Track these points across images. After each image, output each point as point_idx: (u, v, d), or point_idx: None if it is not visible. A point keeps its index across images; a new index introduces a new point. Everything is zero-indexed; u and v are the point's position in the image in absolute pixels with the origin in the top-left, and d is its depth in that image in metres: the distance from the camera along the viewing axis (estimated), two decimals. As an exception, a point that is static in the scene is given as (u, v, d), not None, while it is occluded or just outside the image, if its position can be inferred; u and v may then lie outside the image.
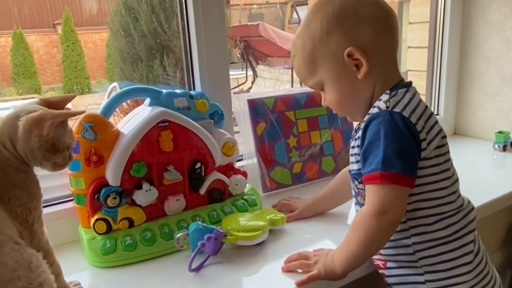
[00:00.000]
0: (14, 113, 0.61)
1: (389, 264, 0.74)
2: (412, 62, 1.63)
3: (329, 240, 0.86)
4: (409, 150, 0.64)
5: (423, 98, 1.56)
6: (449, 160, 0.71)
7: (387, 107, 0.66)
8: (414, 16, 1.59)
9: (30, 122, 0.59)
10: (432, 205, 0.68)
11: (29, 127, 0.59)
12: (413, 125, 0.64)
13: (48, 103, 0.65)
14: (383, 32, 0.69)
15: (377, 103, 0.68)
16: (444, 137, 0.70)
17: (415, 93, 0.70)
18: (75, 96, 0.71)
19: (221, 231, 0.79)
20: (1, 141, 0.60)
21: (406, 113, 0.65)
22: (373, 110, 0.68)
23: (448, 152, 0.71)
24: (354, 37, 0.67)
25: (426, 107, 0.69)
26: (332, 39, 0.68)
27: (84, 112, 0.78)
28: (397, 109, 0.65)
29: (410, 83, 0.71)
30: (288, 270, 0.74)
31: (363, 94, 0.70)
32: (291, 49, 0.76)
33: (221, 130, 0.95)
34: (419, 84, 1.59)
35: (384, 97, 0.68)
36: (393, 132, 0.63)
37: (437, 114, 1.57)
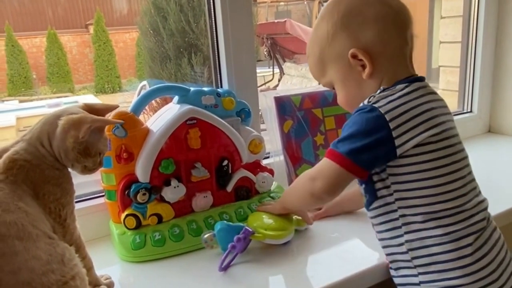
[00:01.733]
0: (57, 113, 0.64)
1: (391, 265, 0.73)
2: (445, 58, 1.58)
3: (357, 239, 0.85)
4: (368, 142, 0.65)
5: (456, 94, 1.52)
6: (443, 157, 0.66)
7: (369, 101, 0.68)
8: (447, 10, 1.55)
9: (69, 122, 0.62)
10: (421, 203, 0.66)
11: (68, 127, 0.61)
12: (385, 122, 0.64)
13: (91, 109, 0.67)
14: (388, 31, 0.69)
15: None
16: (437, 134, 0.66)
17: (418, 88, 0.68)
18: (118, 106, 0.75)
19: (250, 229, 0.79)
20: (39, 138, 0.63)
21: (383, 109, 0.65)
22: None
23: (443, 149, 0.67)
24: (357, 38, 0.69)
25: (424, 103, 0.67)
26: (338, 41, 0.71)
27: (121, 123, 0.78)
28: (376, 104, 0.66)
29: (417, 78, 0.70)
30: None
31: (369, 93, 0.71)
32: (306, 49, 0.79)
33: (248, 127, 0.95)
34: (452, 81, 1.55)
35: (377, 91, 0.69)
36: (361, 123, 0.66)
37: (470, 112, 1.52)
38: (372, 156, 0.66)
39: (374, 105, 0.66)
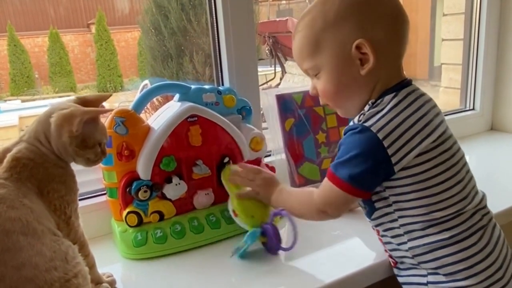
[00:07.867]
0: (48, 111, 0.64)
1: (398, 265, 0.73)
2: (447, 55, 1.58)
3: (358, 237, 0.85)
4: (363, 165, 0.63)
5: (458, 92, 1.52)
6: (441, 164, 0.65)
7: (359, 120, 0.66)
8: (449, 7, 1.54)
9: (61, 118, 0.62)
10: (420, 212, 0.65)
11: (60, 123, 0.62)
12: (379, 141, 0.62)
13: (84, 101, 0.67)
14: (398, 35, 0.67)
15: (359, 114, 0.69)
16: (434, 141, 0.65)
17: (406, 96, 0.66)
18: (110, 95, 0.74)
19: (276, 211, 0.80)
20: (37, 138, 0.63)
21: (375, 127, 0.63)
22: (351, 122, 0.69)
23: (441, 154, 0.65)
24: (368, 30, 0.64)
25: (416, 110, 0.65)
26: (345, 26, 0.65)
27: (112, 110, 0.79)
28: (367, 123, 0.64)
29: (404, 85, 0.68)
30: (233, 181, 0.83)
31: (360, 91, 0.68)
32: (297, 24, 0.71)
33: (249, 125, 0.95)
34: (454, 78, 1.54)
35: (366, 107, 0.68)
36: (355, 145, 0.64)
37: (473, 109, 1.51)
38: (373, 179, 0.65)
39: (365, 124, 0.64)
